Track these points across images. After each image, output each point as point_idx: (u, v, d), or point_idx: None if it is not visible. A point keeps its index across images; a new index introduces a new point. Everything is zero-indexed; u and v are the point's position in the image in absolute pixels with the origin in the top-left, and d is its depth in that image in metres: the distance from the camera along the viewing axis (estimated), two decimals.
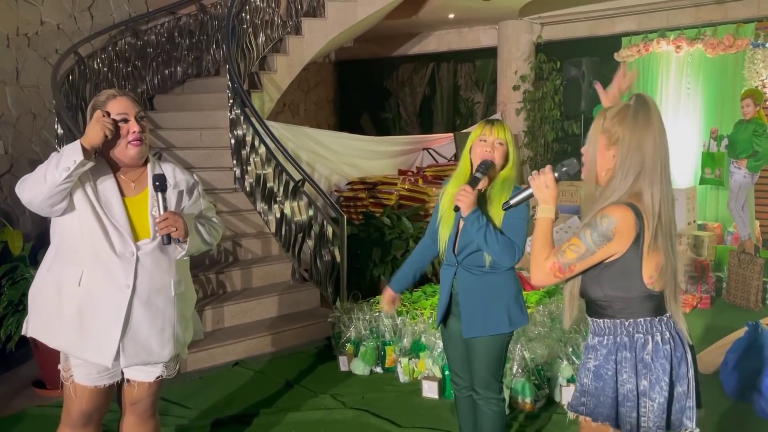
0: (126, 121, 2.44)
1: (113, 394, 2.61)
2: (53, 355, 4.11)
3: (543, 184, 2.10)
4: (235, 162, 6.29)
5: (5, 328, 4.05)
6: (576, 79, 9.08)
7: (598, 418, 2.06)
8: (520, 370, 3.95)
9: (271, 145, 5.83)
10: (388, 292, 3.04)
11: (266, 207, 5.95)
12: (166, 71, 7.83)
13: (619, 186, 2.01)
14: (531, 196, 2.18)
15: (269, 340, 5.02)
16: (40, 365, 4.27)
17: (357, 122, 12.17)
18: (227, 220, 5.96)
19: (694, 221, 7.07)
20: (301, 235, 5.67)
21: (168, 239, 2.45)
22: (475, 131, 2.79)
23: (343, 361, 4.57)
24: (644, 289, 2.03)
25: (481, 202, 2.73)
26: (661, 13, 8.47)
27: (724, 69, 7.74)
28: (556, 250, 2.03)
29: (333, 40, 7.77)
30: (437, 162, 8.88)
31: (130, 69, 7.38)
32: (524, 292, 5.38)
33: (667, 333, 2.06)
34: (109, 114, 2.42)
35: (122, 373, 2.56)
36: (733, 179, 6.86)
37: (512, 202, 2.26)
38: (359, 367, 4.48)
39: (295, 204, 5.67)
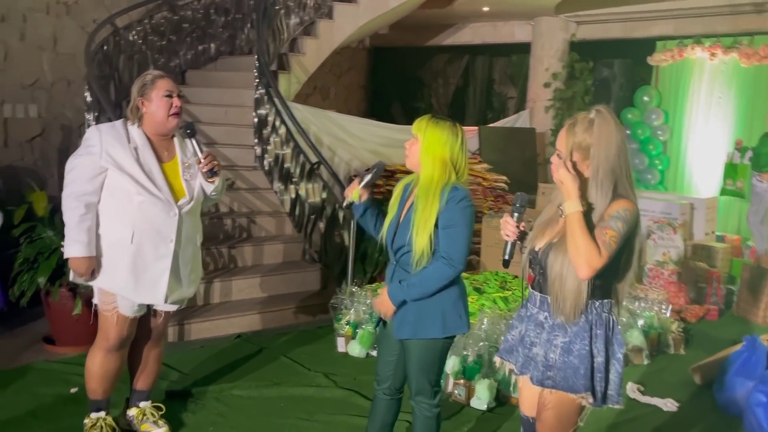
0: (171, 96, 3.00)
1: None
2: (64, 314, 4.32)
3: (510, 225, 2.38)
4: (256, 141, 6.42)
5: (19, 284, 4.21)
6: (607, 80, 9.01)
7: (580, 390, 2.22)
8: None
9: (291, 127, 5.93)
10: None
11: (282, 187, 6.07)
12: (200, 47, 7.95)
13: (600, 197, 2.19)
14: (515, 242, 2.42)
15: (273, 316, 5.15)
16: (51, 322, 4.46)
17: (387, 110, 12.18)
18: (245, 197, 6.10)
19: (713, 232, 6.99)
20: (313, 216, 5.78)
21: (212, 172, 3.03)
22: None
23: (340, 342, 4.67)
24: (618, 274, 2.27)
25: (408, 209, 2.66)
26: (698, 18, 8.33)
27: (758, 80, 7.59)
28: (601, 243, 2.13)
29: (364, 26, 7.82)
30: None
31: (164, 43, 7.54)
32: None
33: (614, 314, 2.33)
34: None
35: (147, 307, 3.13)
36: (754, 192, 6.76)
37: (506, 257, 2.37)
38: (355, 350, 4.57)
39: (310, 186, 5.78)
